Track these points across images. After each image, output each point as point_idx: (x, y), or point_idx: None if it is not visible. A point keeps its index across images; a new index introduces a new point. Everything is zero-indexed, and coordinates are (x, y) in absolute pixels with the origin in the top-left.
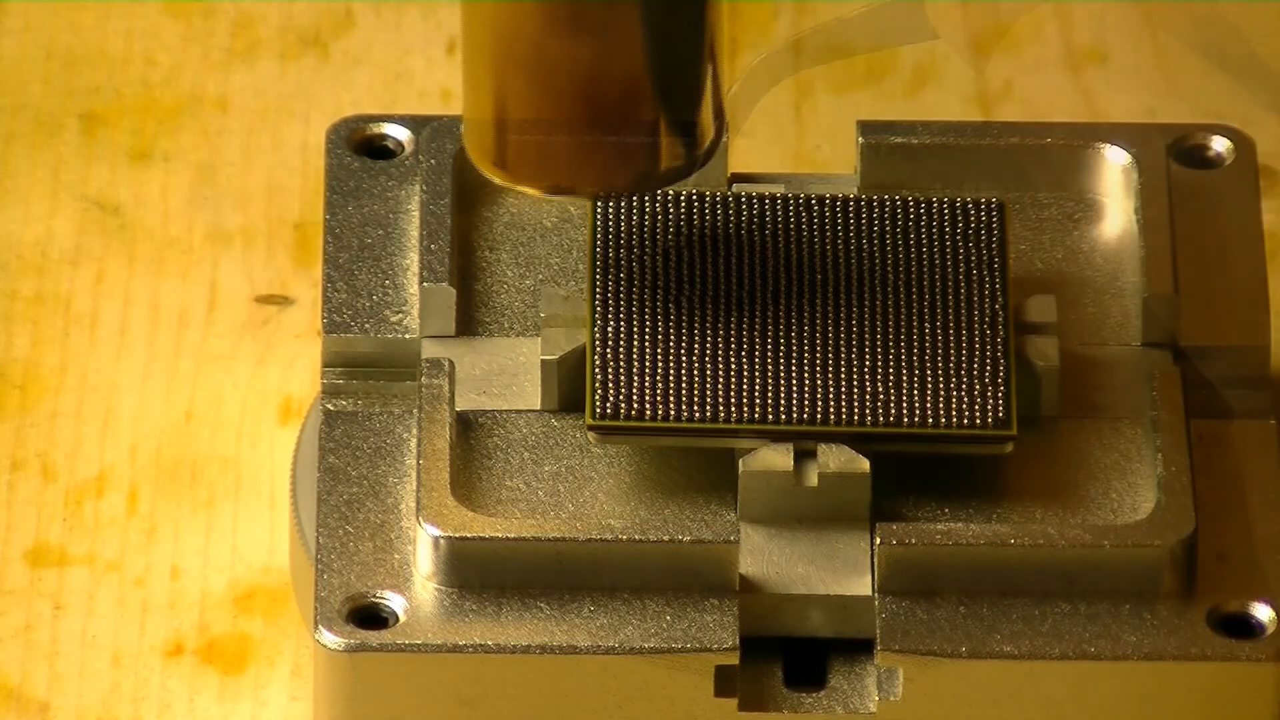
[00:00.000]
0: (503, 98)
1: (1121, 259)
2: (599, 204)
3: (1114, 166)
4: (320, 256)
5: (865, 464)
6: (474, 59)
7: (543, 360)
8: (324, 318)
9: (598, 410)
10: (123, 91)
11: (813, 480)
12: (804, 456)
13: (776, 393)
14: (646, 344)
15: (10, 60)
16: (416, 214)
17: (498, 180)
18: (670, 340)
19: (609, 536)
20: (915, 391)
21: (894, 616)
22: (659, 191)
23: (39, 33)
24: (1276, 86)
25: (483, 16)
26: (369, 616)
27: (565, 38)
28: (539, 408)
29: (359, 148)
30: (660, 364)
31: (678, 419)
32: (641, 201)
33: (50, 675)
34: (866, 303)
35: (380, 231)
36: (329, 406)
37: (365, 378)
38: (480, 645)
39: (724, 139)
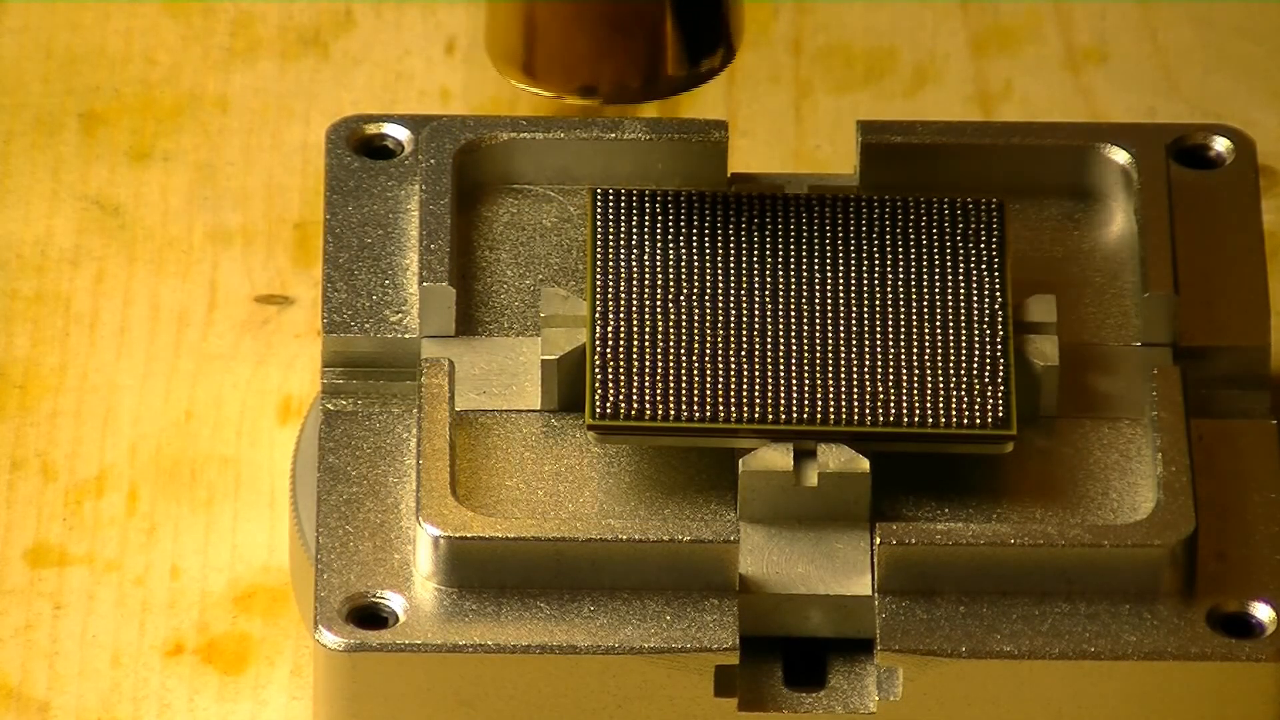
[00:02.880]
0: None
1: (1121, 259)
2: (599, 203)
3: (1114, 166)
4: (320, 256)
5: (865, 464)
6: None
7: (543, 360)
8: (324, 317)
9: (597, 410)
10: (122, 91)
11: (812, 480)
12: (804, 456)
13: (776, 393)
14: (646, 344)
15: (10, 60)
16: (416, 214)
17: (520, 84)
18: (670, 340)
19: (609, 536)
20: (915, 391)
21: (894, 616)
22: (659, 191)
23: (39, 32)
24: (1277, 87)
25: None
26: (369, 616)
27: None
28: (539, 408)
29: (359, 147)
30: (660, 364)
31: (677, 419)
32: (642, 200)
33: (50, 675)
34: (866, 302)
35: (380, 231)
36: (329, 406)
37: (365, 377)
38: (480, 645)
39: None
